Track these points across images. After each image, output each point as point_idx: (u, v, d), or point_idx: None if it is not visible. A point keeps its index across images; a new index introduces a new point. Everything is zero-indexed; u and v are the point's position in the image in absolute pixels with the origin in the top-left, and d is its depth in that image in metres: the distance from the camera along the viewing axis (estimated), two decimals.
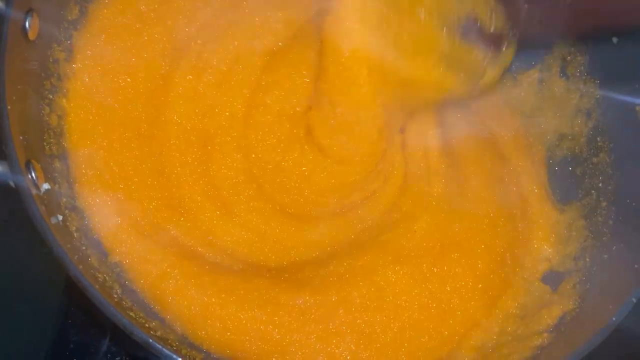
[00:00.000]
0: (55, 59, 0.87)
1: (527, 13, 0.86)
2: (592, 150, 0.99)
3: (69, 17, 0.89)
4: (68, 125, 0.87)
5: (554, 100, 1.06)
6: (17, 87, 0.74)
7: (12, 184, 0.69)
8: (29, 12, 0.77)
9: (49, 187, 0.74)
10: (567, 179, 1.02)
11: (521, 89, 1.10)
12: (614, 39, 0.94)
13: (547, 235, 0.97)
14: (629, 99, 0.93)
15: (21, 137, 0.72)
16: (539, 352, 0.78)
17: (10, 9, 0.73)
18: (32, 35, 0.79)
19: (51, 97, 0.86)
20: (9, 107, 0.69)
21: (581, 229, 0.95)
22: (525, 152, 1.04)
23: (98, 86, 0.90)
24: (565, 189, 1.01)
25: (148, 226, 0.87)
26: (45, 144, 0.82)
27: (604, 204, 0.94)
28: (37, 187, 0.72)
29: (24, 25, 0.77)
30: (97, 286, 0.68)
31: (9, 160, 0.68)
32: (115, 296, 0.77)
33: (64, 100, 0.88)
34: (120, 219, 0.86)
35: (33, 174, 0.72)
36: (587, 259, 0.90)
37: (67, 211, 0.81)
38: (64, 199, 0.82)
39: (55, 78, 0.87)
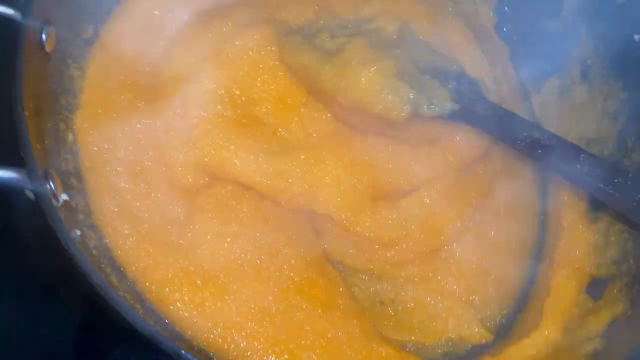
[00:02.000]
0: (70, 76, 0.85)
1: None
2: (623, 152, 0.96)
3: (84, 36, 0.88)
4: (84, 141, 0.84)
5: (576, 106, 1.04)
6: (34, 97, 0.72)
7: (29, 193, 0.65)
8: (45, 22, 0.75)
9: (68, 198, 0.71)
10: None
11: (542, 98, 1.09)
12: (636, 37, 0.93)
13: (583, 245, 0.93)
14: None
15: (39, 146, 0.68)
16: (595, 357, 0.72)
17: (27, 19, 0.71)
18: (48, 47, 0.77)
19: (66, 114, 0.84)
20: (26, 113, 0.66)
21: (619, 232, 0.91)
22: None
23: (111, 101, 0.88)
24: None
25: (159, 241, 0.82)
26: (62, 160, 0.79)
27: None
28: (56, 198, 0.69)
29: (41, 36, 0.75)
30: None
31: (27, 167, 0.64)
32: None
33: (76, 121, 0.85)
34: (134, 237, 0.82)
35: (52, 184, 0.68)
36: (631, 262, 0.85)
37: (85, 229, 0.77)
38: (81, 217, 0.78)
39: (71, 96, 0.85)
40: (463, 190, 0.94)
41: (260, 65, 0.93)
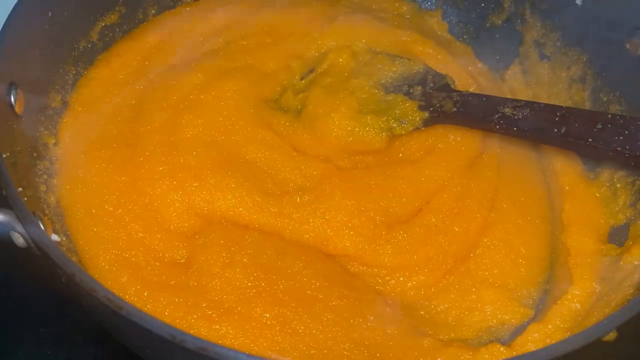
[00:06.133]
0: (44, 143, 0.84)
1: None
2: (601, 109, 0.97)
3: (53, 105, 0.88)
4: (67, 203, 0.81)
5: (543, 83, 1.06)
6: (11, 155, 0.70)
7: (16, 237, 0.62)
8: (12, 84, 0.75)
9: (58, 239, 0.67)
10: None
11: (509, 86, 1.11)
12: (578, 1, 0.98)
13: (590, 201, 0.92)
14: (614, 44, 0.93)
15: (21, 189, 0.65)
16: None
17: None
18: (18, 109, 0.76)
19: (45, 177, 0.82)
20: (4, 156, 0.63)
21: (624, 178, 0.89)
22: None
23: (90, 162, 0.86)
24: None
25: (163, 285, 0.78)
26: (47, 220, 0.76)
27: None
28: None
29: (10, 97, 0.74)
30: None
31: (16, 208, 0.61)
32: None
33: (57, 184, 0.83)
34: (136, 285, 0.77)
35: (41, 224, 0.65)
36: None
37: None
38: None
39: (47, 161, 0.83)
40: (474, 187, 0.92)
41: (241, 113, 0.92)
